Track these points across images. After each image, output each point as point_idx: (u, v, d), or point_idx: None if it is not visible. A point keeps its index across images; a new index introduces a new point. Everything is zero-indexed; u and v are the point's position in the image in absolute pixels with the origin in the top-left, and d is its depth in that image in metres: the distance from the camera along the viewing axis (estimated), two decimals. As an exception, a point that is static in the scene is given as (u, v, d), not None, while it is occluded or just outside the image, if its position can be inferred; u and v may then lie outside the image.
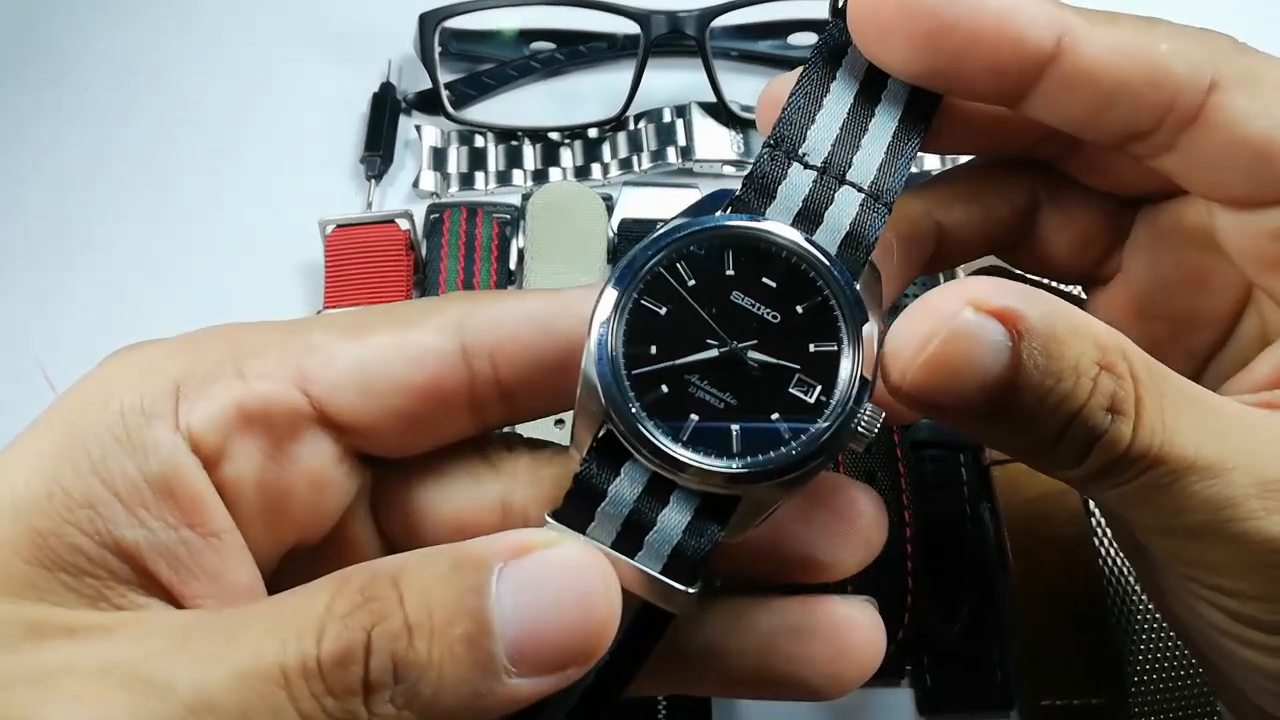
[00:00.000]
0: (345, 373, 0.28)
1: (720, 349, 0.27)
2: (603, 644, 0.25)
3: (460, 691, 0.23)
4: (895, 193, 0.28)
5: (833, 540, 0.30)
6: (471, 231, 0.58)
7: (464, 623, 0.23)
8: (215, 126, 0.65)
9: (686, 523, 0.27)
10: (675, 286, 0.28)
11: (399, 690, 0.23)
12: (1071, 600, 0.47)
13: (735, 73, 0.65)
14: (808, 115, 0.29)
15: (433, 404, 0.29)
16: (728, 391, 0.27)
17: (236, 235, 0.61)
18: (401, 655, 0.23)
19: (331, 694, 0.23)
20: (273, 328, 0.29)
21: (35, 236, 0.62)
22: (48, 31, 0.70)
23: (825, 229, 0.28)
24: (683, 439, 0.27)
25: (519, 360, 0.29)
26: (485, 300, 0.29)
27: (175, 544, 0.26)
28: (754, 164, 0.29)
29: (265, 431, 0.27)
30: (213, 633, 0.24)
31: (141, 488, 0.25)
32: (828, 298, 0.27)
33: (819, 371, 0.27)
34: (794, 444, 0.27)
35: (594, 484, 0.27)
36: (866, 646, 0.30)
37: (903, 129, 0.29)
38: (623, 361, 0.27)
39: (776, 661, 0.29)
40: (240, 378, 0.27)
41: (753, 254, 0.28)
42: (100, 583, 0.25)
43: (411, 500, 0.30)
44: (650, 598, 0.27)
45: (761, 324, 0.27)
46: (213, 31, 0.70)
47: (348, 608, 0.24)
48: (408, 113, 0.65)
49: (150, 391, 0.26)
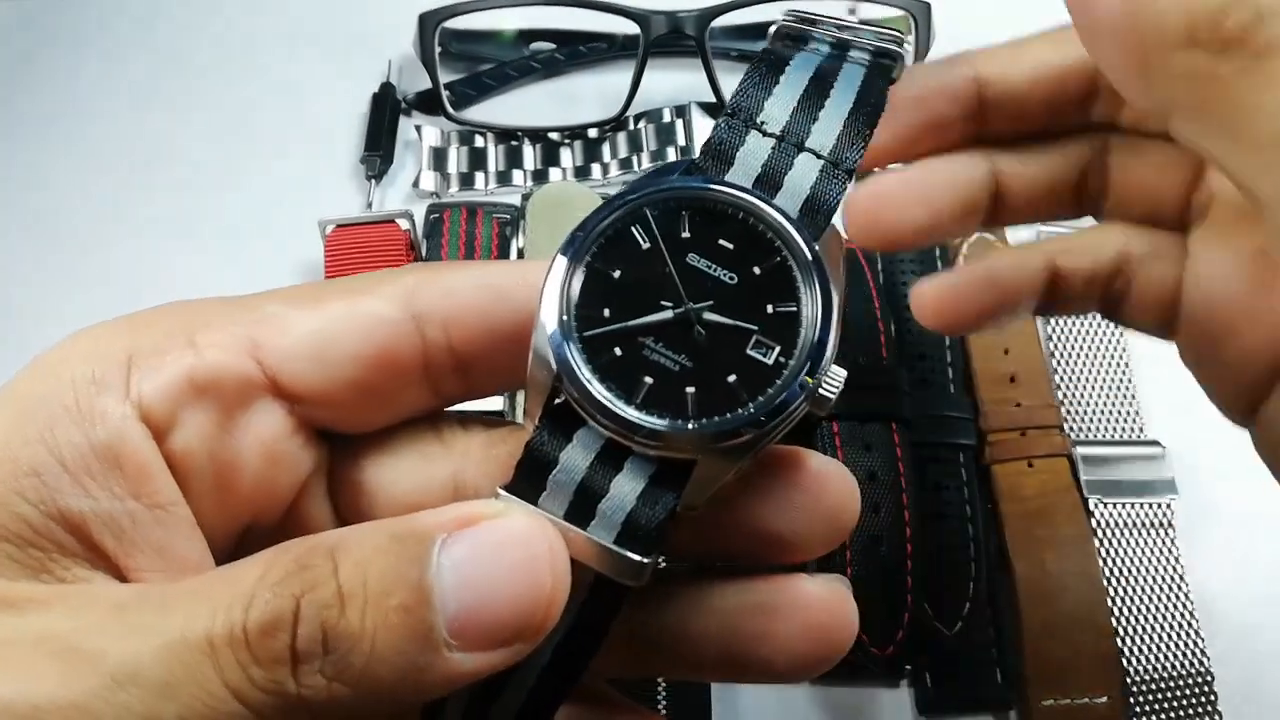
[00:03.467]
0: (297, 341, 0.27)
1: (675, 310, 0.27)
2: (550, 617, 0.24)
3: (396, 664, 0.23)
4: (855, 161, 0.28)
5: (796, 516, 0.28)
6: (471, 231, 0.58)
7: (401, 593, 0.23)
8: (215, 126, 0.66)
9: (641, 490, 0.26)
10: (629, 249, 0.27)
11: (329, 660, 0.22)
12: (1071, 600, 0.47)
13: (735, 73, 0.64)
14: (764, 89, 0.28)
15: (386, 373, 0.28)
16: (683, 354, 0.26)
17: (236, 235, 0.61)
18: (332, 624, 0.22)
19: (258, 663, 0.22)
20: (227, 302, 0.29)
21: (31, 238, 0.62)
22: (47, 31, 0.70)
23: (785, 194, 0.27)
24: (636, 401, 0.26)
25: (473, 329, 0.28)
26: (441, 270, 0.29)
27: (120, 515, 0.25)
28: (711, 132, 0.28)
29: (216, 401, 0.27)
30: (147, 605, 0.24)
31: (88, 456, 0.25)
32: (786, 259, 0.27)
33: (778, 332, 0.26)
34: (751, 405, 0.26)
35: (545, 452, 0.26)
36: (835, 626, 0.28)
37: (859, 106, 0.29)
38: (574, 324, 0.26)
39: (740, 642, 0.28)
40: (192, 348, 0.27)
41: (709, 216, 0.27)
42: (45, 554, 0.25)
43: (363, 479, 0.30)
44: (604, 569, 0.26)
45: (718, 285, 0.27)
46: (212, 31, 0.70)
47: (279, 576, 0.23)
48: (408, 113, 0.65)
49: (102, 363, 0.26)
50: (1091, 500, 0.50)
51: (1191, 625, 0.48)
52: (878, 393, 0.50)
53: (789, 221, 0.27)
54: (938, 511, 0.50)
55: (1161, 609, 0.48)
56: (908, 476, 0.49)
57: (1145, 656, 0.47)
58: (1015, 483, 0.50)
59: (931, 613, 0.48)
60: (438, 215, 0.58)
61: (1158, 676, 0.47)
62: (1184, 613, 0.48)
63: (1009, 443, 0.51)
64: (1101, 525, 0.49)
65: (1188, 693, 0.47)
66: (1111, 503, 0.50)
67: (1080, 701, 0.46)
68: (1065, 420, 0.52)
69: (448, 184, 0.63)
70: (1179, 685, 0.47)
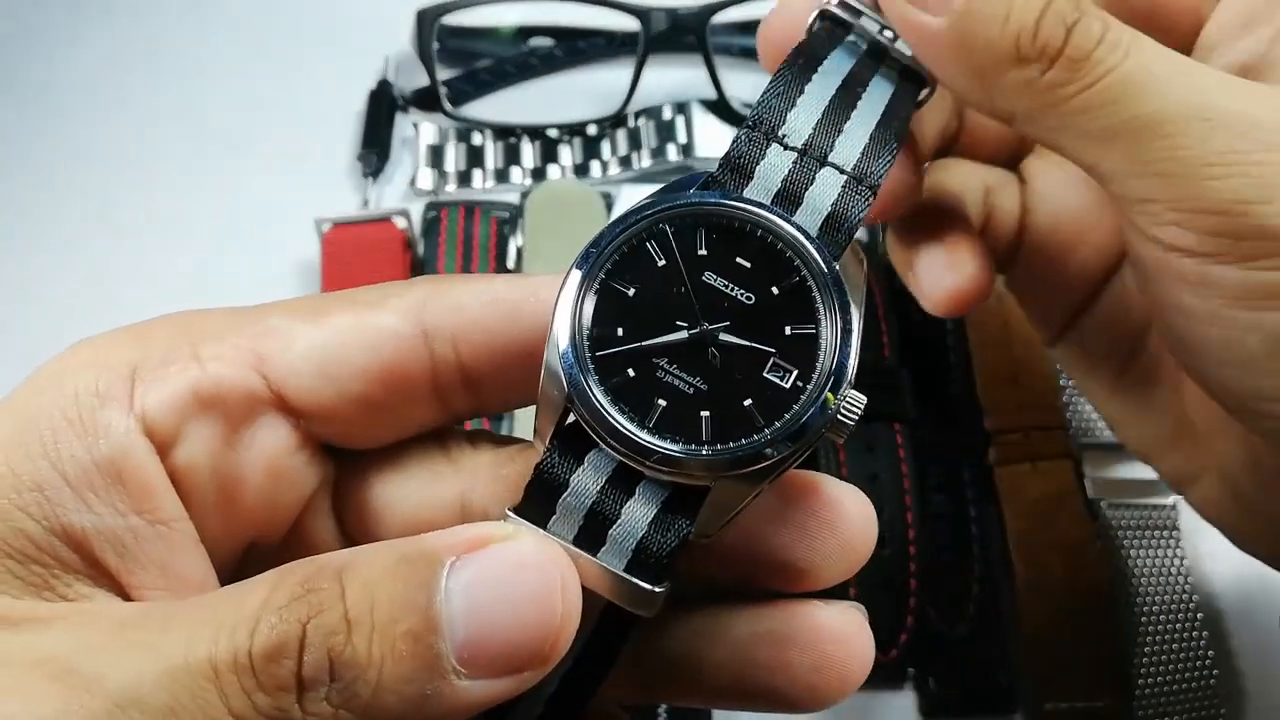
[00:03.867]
0: (302, 355, 0.27)
1: (690, 331, 0.26)
2: (560, 646, 0.23)
3: (404, 692, 0.22)
4: (879, 177, 0.27)
5: (811, 544, 0.28)
6: (469, 230, 0.57)
7: (409, 619, 0.22)
8: (211, 125, 0.65)
9: (652, 516, 0.25)
10: (644, 266, 0.26)
11: (335, 688, 0.22)
12: (1075, 603, 0.47)
13: (736, 69, 0.64)
14: (788, 100, 0.28)
15: (393, 389, 0.28)
16: (698, 376, 0.26)
17: (233, 234, 0.61)
18: (338, 651, 0.22)
19: (263, 690, 0.22)
20: (230, 313, 0.28)
21: (28, 237, 0.61)
22: (45, 31, 0.69)
23: (805, 210, 0.27)
24: (649, 424, 0.25)
25: (482, 345, 0.28)
26: (449, 284, 0.28)
27: (123, 531, 0.25)
28: (731, 144, 0.28)
29: (221, 415, 0.27)
30: (149, 626, 0.23)
31: (91, 471, 0.25)
32: (805, 278, 0.26)
33: (796, 355, 0.26)
34: (768, 430, 0.25)
35: (555, 475, 0.26)
36: (850, 656, 0.27)
37: (885, 121, 0.28)
38: (587, 344, 0.26)
39: (753, 671, 0.28)
40: (196, 361, 0.26)
41: (726, 233, 0.26)
42: (47, 571, 0.24)
43: (369, 497, 0.29)
44: (613, 597, 0.26)
45: (735, 305, 0.26)
46: (209, 29, 0.69)
47: (285, 600, 0.23)
48: (405, 110, 0.65)
49: (105, 375, 0.26)
50: (1096, 502, 0.50)
51: (1195, 628, 0.48)
52: (880, 393, 0.50)
53: (808, 240, 0.26)
54: (941, 513, 0.50)
55: (1165, 611, 0.48)
56: (911, 478, 0.48)
57: (1149, 659, 0.47)
58: (1019, 484, 0.50)
59: (935, 615, 0.48)
60: (435, 214, 0.58)
61: (1161, 680, 0.47)
62: (1188, 615, 0.48)
63: (1013, 444, 0.50)
64: (1106, 527, 0.49)
65: (1191, 696, 0.47)
66: (1116, 504, 0.50)
67: (1084, 705, 0.46)
68: (1069, 421, 0.52)
69: (445, 182, 0.62)
70: (1182, 689, 0.47)
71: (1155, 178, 0.28)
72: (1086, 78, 0.27)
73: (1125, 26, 0.28)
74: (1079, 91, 0.28)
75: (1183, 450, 0.37)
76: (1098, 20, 0.28)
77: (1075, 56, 0.27)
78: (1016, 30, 0.27)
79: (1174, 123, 0.27)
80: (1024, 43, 0.28)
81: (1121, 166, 0.28)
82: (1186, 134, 0.27)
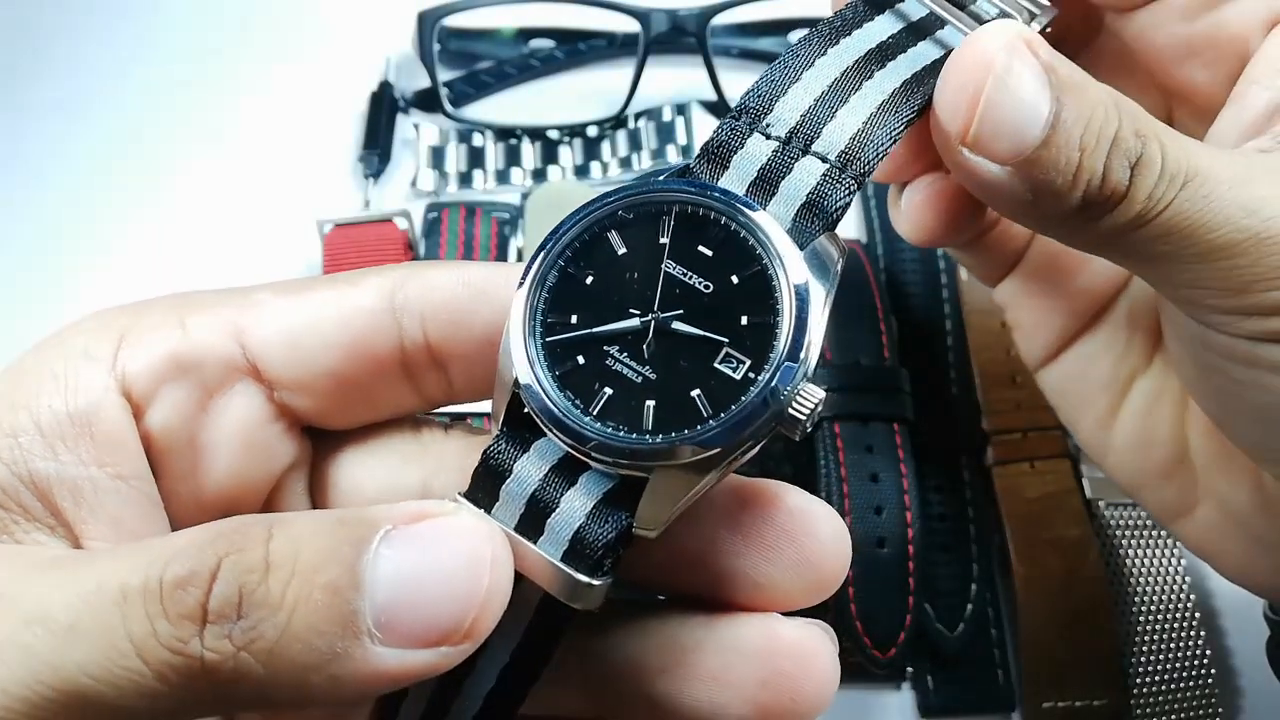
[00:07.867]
0: (277, 327, 0.28)
1: (642, 319, 0.26)
2: (483, 622, 0.23)
3: (312, 643, 0.22)
4: (867, 164, 0.27)
5: (768, 554, 0.26)
6: (470, 230, 0.58)
7: (332, 570, 0.22)
8: (213, 125, 0.65)
9: (591, 507, 0.25)
10: (604, 254, 0.26)
11: (240, 626, 0.22)
12: (1073, 602, 0.47)
13: (736, 70, 0.64)
14: (779, 87, 0.27)
15: (362, 363, 0.28)
16: (647, 365, 0.25)
17: (234, 234, 0.61)
18: (250, 588, 0.22)
19: (166, 617, 0.22)
20: (220, 291, 0.29)
21: (29, 238, 0.61)
22: (44, 31, 0.69)
23: (780, 198, 0.26)
24: (593, 412, 0.25)
25: (448, 324, 0.28)
26: (427, 267, 0.29)
27: (82, 479, 0.26)
28: (712, 134, 0.27)
29: (198, 380, 0.27)
30: (80, 561, 0.24)
31: (63, 422, 0.26)
32: (766, 267, 0.25)
33: (750, 346, 0.25)
34: (711, 421, 0.25)
35: (501, 461, 0.26)
36: (806, 676, 0.26)
37: (891, 104, 0.27)
38: (539, 330, 0.26)
39: (693, 684, 0.26)
40: (181, 328, 0.28)
41: (689, 221, 0.26)
42: (8, 515, 0.25)
43: (338, 476, 0.30)
44: (548, 587, 0.25)
45: (691, 294, 0.26)
46: (210, 29, 0.69)
47: (210, 537, 0.23)
48: (406, 111, 0.65)
49: (96, 338, 0.27)
50: (1094, 502, 0.50)
51: (1193, 627, 0.48)
52: (880, 394, 0.50)
53: (774, 228, 0.26)
54: (940, 513, 0.50)
55: (1163, 611, 0.48)
56: (910, 478, 0.48)
57: (1146, 659, 0.47)
58: (1017, 484, 0.50)
59: (933, 615, 0.48)
60: (436, 214, 0.58)
61: (1159, 679, 0.47)
62: (1185, 615, 0.48)
63: (1011, 444, 0.51)
64: (1104, 527, 0.49)
65: (1188, 695, 0.47)
66: (1114, 504, 0.50)
67: (1082, 704, 0.46)
68: (1067, 421, 0.52)
69: (446, 182, 0.62)
70: (1180, 687, 0.47)
71: (1209, 289, 0.28)
72: (1147, 215, 0.27)
73: (1179, 141, 0.28)
74: (1138, 228, 0.28)
75: (1176, 482, 0.36)
76: (1156, 144, 0.27)
77: (1138, 198, 0.27)
78: (1086, 179, 0.27)
79: (1230, 249, 0.27)
80: (1091, 192, 0.27)
81: (1174, 279, 0.29)
82: (1245, 255, 0.27)
